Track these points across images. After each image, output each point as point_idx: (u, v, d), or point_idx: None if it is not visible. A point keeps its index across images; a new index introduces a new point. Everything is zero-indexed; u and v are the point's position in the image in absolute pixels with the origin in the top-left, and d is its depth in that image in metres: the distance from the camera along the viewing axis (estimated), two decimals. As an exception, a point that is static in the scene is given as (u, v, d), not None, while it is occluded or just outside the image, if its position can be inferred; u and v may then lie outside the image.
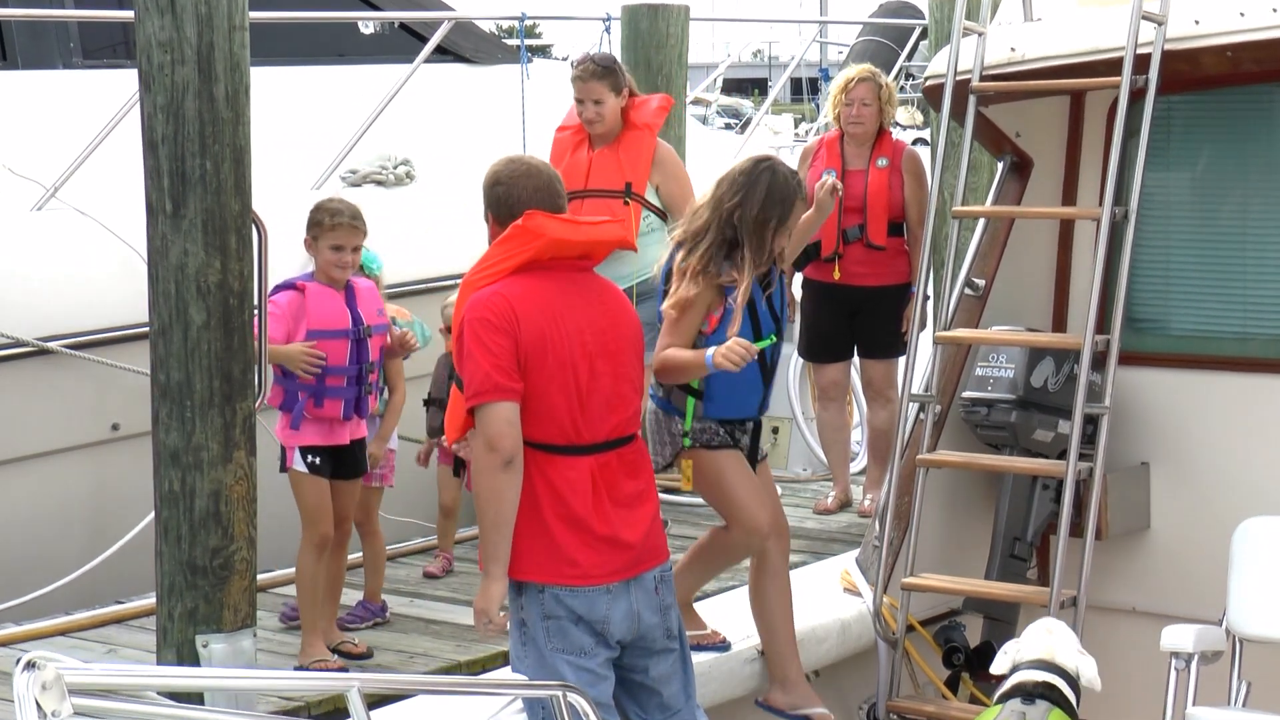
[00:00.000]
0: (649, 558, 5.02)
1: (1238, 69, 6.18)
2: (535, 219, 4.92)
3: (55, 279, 7.83)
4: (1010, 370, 6.46)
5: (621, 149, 7.43)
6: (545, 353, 4.86)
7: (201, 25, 5.53)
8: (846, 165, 8.41)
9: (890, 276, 8.32)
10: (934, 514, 6.46)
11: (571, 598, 4.88)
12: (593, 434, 4.93)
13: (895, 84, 8.85)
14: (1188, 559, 6.50)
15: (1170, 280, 6.72)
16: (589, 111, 7.39)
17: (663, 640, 5.09)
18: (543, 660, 4.88)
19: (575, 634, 4.89)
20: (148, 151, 5.63)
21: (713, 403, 5.67)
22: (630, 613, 4.97)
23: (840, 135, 8.48)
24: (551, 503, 4.88)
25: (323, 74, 10.02)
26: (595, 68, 7.41)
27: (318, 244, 6.51)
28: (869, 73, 8.49)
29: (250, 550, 5.75)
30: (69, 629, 6.75)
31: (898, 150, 8.43)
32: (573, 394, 4.89)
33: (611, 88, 7.38)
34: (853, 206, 8.33)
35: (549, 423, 4.87)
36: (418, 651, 6.55)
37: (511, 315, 4.84)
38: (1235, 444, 6.48)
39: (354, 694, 3.66)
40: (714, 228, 5.58)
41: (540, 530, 4.87)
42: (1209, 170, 6.73)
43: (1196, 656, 5.77)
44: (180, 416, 5.63)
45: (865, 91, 8.37)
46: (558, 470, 4.88)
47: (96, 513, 7.80)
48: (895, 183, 8.31)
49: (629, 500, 5.00)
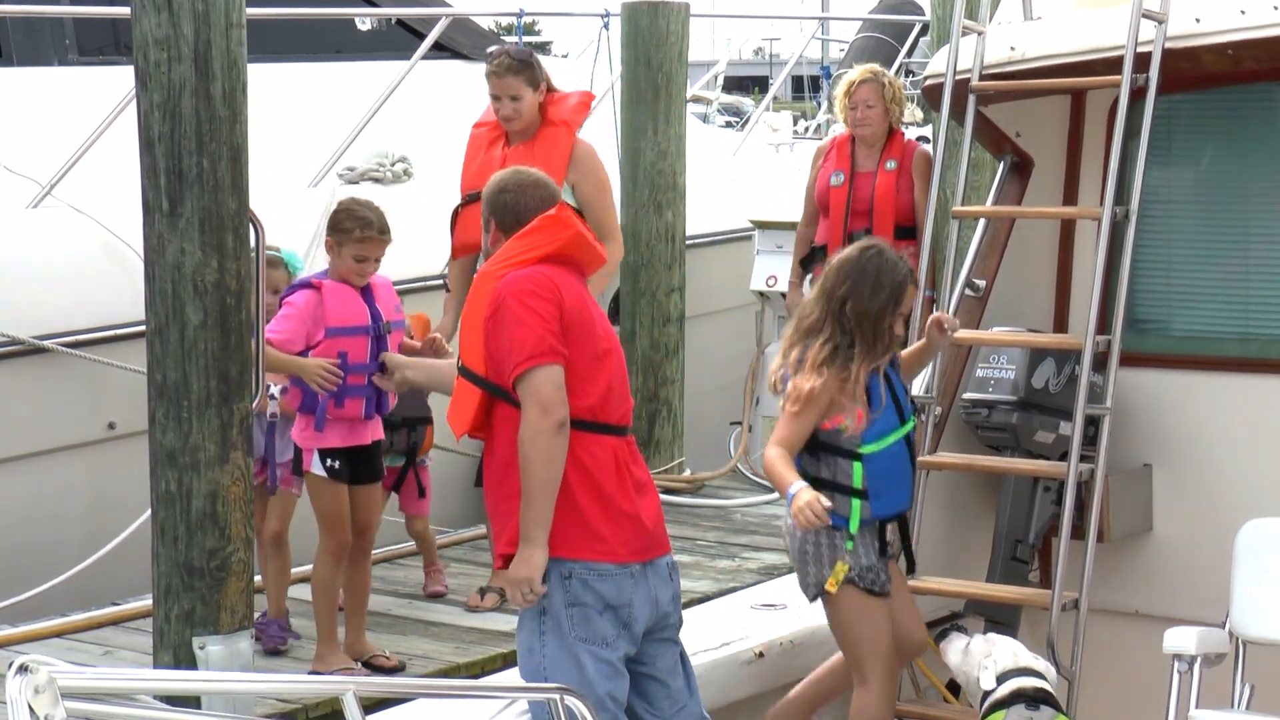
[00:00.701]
0: (660, 544, 5.04)
1: (1239, 67, 6.14)
2: (566, 210, 4.99)
3: (51, 277, 7.82)
4: (1011, 371, 6.42)
5: (538, 147, 7.12)
6: (583, 328, 4.90)
7: (198, 22, 5.52)
8: (856, 167, 8.36)
9: None
10: (935, 516, 6.42)
11: (600, 582, 4.87)
12: (609, 416, 4.96)
13: (900, 81, 8.80)
14: (1190, 561, 6.46)
15: (1172, 280, 6.68)
16: (505, 108, 7.10)
17: (673, 629, 5.10)
18: (563, 648, 4.85)
19: (600, 623, 4.87)
20: (144, 150, 5.61)
21: (879, 499, 5.54)
22: (650, 597, 4.96)
23: (852, 135, 8.43)
24: (580, 478, 4.87)
25: (320, 71, 10.00)
26: (511, 62, 7.11)
27: (340, 250, 6.45)
28: (871, 74, 8.40)
29: (247, 551, 5.73)
30: (64, 630, 6.74)
31: (908, 151, 8.35)
32: (603, 373, 4.94)
33: (529, 83, 7.09)
34: (860, 209, 8.28)
35: (581, 398, 4.88)
36: (416, 654, 6.54)
37: (554, 288, 4.87)
38: (1238, 445, 6.43)
39: (349, 697, 3.63)
40: (829, 320, 5.49)
41: (568, 505, 4.86)
42: (1211, 169, 6.69)
43: (1199, 659, 5.73)
44: (177, 416, 5.61)
45: (869, 93, 8.28)
46: (585, 447, 4.88)
47: (92, 513, 7.77)
48: (904, 185, 8.24)
49: (641, 486, 5.03)
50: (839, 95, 8.53)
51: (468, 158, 7.27)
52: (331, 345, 6.39)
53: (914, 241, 8.15)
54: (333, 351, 6.39)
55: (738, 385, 9.85)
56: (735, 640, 6.17)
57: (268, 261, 6.38)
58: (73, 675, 3.28)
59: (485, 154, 7.18)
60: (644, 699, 5.10)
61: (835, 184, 8.40)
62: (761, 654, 6.16)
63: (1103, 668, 6.40)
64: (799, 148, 13.04)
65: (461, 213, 7.21)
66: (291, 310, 6.36)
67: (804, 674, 6.40)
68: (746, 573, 7.55)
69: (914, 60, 15.62)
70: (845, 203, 8.35)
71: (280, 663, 6.49)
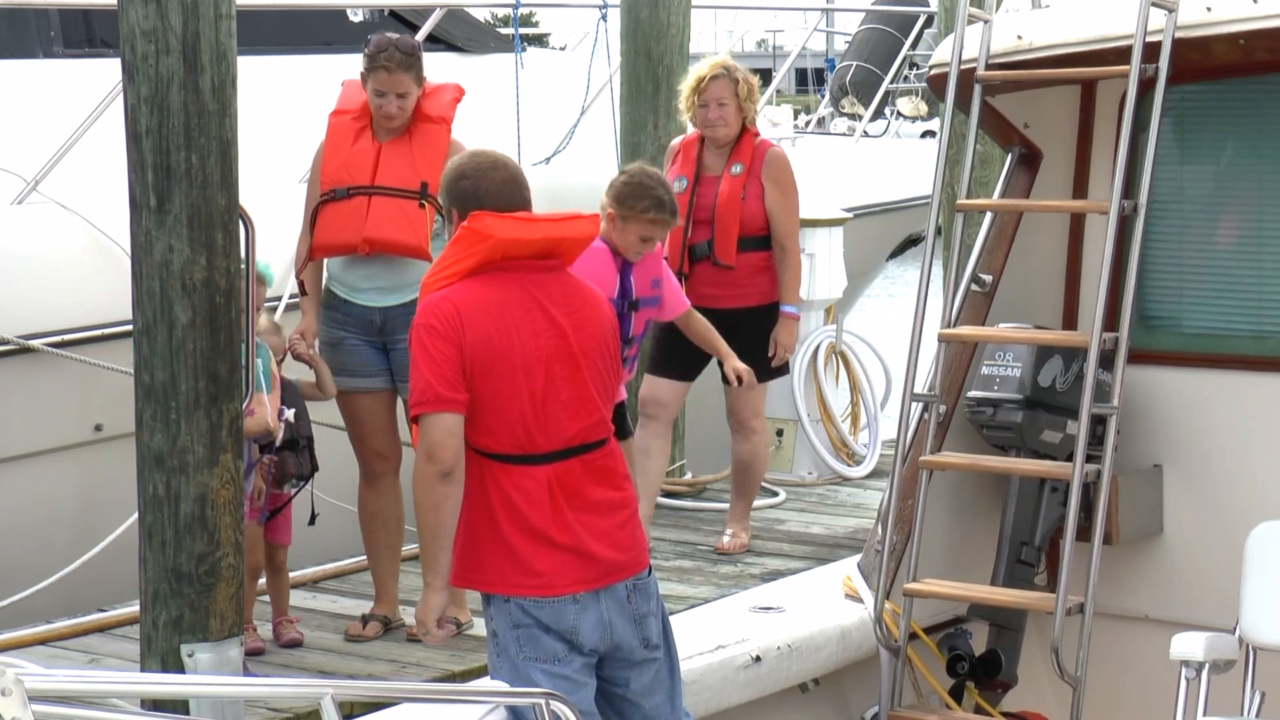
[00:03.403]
0: (620, 569, 4.88)
1: (1251, 58, 6.06)
2: (481, 219, 4.79)
3: (36, 275, 7.72)
4: (1017, 369, 6.34)
5: (415, 143, 6.60)
6: (494, 359, 4.75)
7: (186, 14, 5.43)
8: (702, 171, 7.58)
9: (747, 298, 7.50)
10: (938, 517, 6.35)
11: (537, 609, 4.78)
12: (549, 441, 4.80)
13: (756, 78, 7.82)
14: (1201, 565, 6.39)
15: (1183, 276, 6.61)
16: (390, 106, 6.53)
17: (641, 651, 4.95)
18: (516, 670, 4.78)
19: (546, 641, 4.79)
20: (131, 144, 5.54)
21: None
22: (601, 622, 4.84)
23: (701, 136, 7.62)
24: (508, 514, 4.78)
25: (311, 63, 9.89)
26: (401, 57, 6.52)
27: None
28: (723, 68, 7.55)
29: (237, 556, 5.66)
30: (49, 638, 6.64)
31: (758, 154, 7.55)
32: (525, 401, 4.78)
33: (416, 80, 6.57)
34: (702, 219, 7.52)
35: (501, 431, 4.77)
36: (410, 661, 6.45)
37: (457, 321, 4.74)
38: (1250, 446, 6.36)
39: (327, 701, 3.56)
40: None
41: (499, 542, 4.78)
42: (1222, 162, 6.62)
43: (1208, 665, 5.65)
44: (165, 418, 5.54)
45: (721, 89, 7.49)
46: (512, 480, 4.78)
47: (78, 517, 7.69)
48: (752, 192, 7.48)
49: (597, 508, 4.86)
50: (685, 91, 7.66)
51: (329, 150, 6.67)
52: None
53: (764, 254, 7.55)
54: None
55: (739, 386, 9.73)
56: (731, 644, 6.12)
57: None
58: (40, 677, 3.22)
59: (352, 147, 6.63)
60: (620, 715, 5.01)
61: (678, 190, 7.33)
62: (758, 658, 6.11)
63: (1109, 674, 6.35)
64: (800, 143, 12.94)
65: (322, 210, 6.61)
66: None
67: (802, 679, 6.37)
68: (749, 578, 7.47)
69: (918, 53, 15.58)
70: (686, 211, 7.45)
71: (262, 664, 6.38)
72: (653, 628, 4.98)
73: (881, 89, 15.15)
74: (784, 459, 9.46)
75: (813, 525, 8.43)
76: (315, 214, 6.63)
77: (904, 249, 13.34)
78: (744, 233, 7.49)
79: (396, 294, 6.58)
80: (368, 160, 6.60)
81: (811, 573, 7.30)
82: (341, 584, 7.05)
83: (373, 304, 6.60)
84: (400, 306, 6.52)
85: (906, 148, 16.55)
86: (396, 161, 6.59)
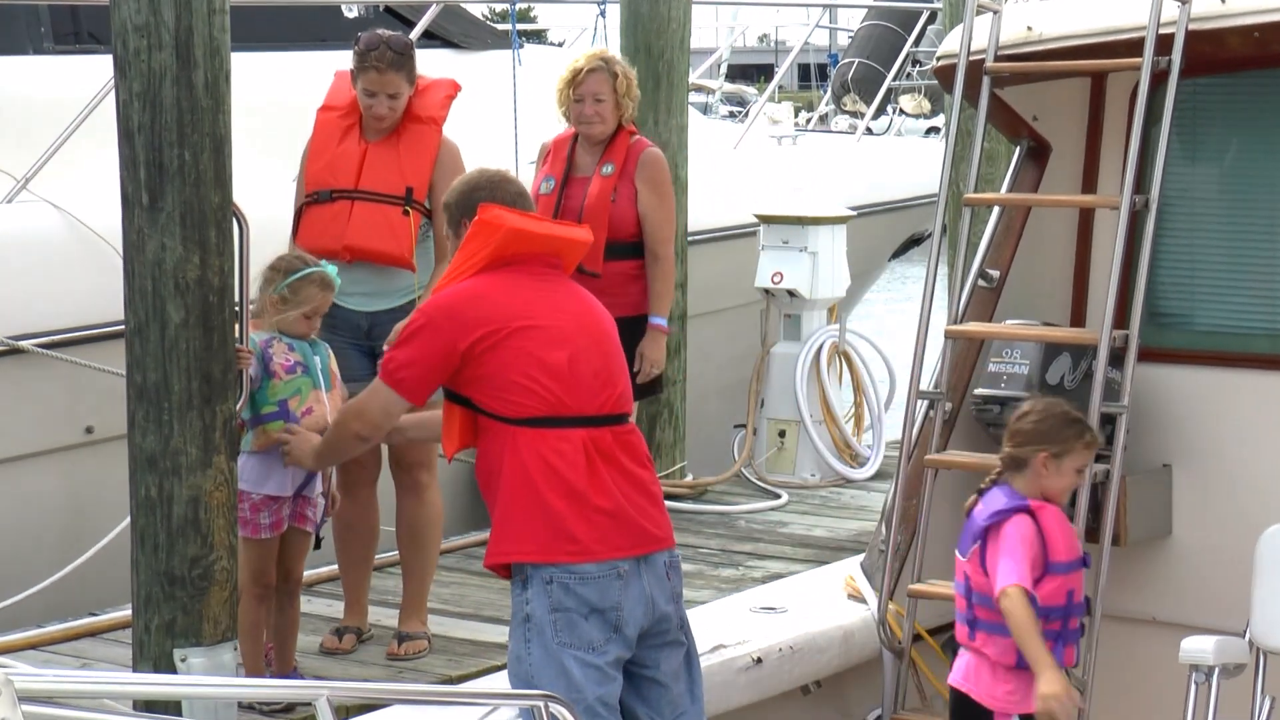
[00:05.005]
0: (655, 539, 4.92)
1: (1265, 51, 6.02)
2: (492, 210, 4.93)
3: (26, 275, 7.63)
4: (1025, 366, 6.30)
5: (403, 146, 6.38)
6: (514, 321, 4.86)
7: (180, 9, 5.37)
8: (573, 171, 7.12)
9: (615, 308, 6.51)
10: (943, 517, 6.28)
11: (582, 586, 4.77)
12: (580, 405, 4.86)
13: (634, 71, 7.37)
14: (1211, 567, 6.34)
15: (1195, 272, 6.56)
16: (381, 106, 6.32)
17: (675, 631, 4.99)
18: (549, 655, 4.77)
19: (585, 628, 4.78)
20: (123, 141, 5.48)
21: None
22: (644, 596, 4.85)
23: (575, 134, 7.15)
24: (545, 477, 4.79)
25: (305, 59, 9.82)
26: (393, 56, 6.30)
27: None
28: (601, 60, 7.12)
29: (231, 560, 5.60)
30: (39, 642, 6.56)
31: (633, 154, 7.09)
32: (554, 361, 4.85)
33: (408, 80, 6.35)
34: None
35: (529, 396, 4.82)
36: (406, 665, 6.37)
37: (451, 318, 4.87)
38: (1262, 446, 6.30)
39: (322, 703, 3.52)
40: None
41: (536, 506, 4.79)
42: (1235, 157, 6.57)
43: (1218, 669, 5.61)
44: (157, 419, 5.48)
45: (598, 84, 7.01)
46: (548, 444, 4.81)
47: (69, 520, 7.60)
48: (624, 194, 7.02)
49: (632, 480, 4.90)
50: (560, 84, 7.16)
51: (315, 148, 6.49)
52: None
53: (635, 262, 7.09)
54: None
55: (741, 386, 9.68)
56: (733, 645, 6.11)
57: (320, 283, 5.96)
58: (30, 677, 3.20)
59: (338, 147, 6.44)
60: (644, 701, 4.99)
61: (545, 191, 7.07)
62: (760, 660, 6.08)
63: (1117, 677, 6.30)
64: (802, 141, 12.88)
65: (306, 212, 6.44)
66: None
67: (803, 681, 6.32)
68: (750, 581, 7.42)
69: (921, 49, 15.52)
70: (553, 215, 6.96)
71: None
72: (683, 610, 5.05)
73: (884, 86, 15.09)
74: (786, 460, 9.39)
75: (815, 528, 8.37)
76: (297, 217, 6.52)
77: (907, 248, 13.30)
78: (613, 237, 7.01)
79: (383, 299, 6.48)
80: (352, 162, 6.43)
81: (813, 573, 7.26)
82: (336, 587, 6.95)
83: (360, 309, 6.51)
84: (387, 311, 6.43)
85: (909, 146, 16.53)
86: (382, 165, 6.42)
